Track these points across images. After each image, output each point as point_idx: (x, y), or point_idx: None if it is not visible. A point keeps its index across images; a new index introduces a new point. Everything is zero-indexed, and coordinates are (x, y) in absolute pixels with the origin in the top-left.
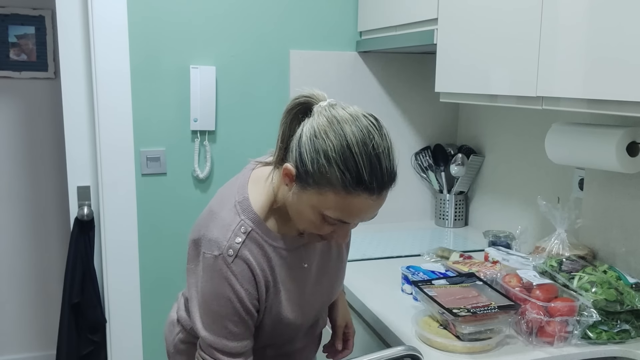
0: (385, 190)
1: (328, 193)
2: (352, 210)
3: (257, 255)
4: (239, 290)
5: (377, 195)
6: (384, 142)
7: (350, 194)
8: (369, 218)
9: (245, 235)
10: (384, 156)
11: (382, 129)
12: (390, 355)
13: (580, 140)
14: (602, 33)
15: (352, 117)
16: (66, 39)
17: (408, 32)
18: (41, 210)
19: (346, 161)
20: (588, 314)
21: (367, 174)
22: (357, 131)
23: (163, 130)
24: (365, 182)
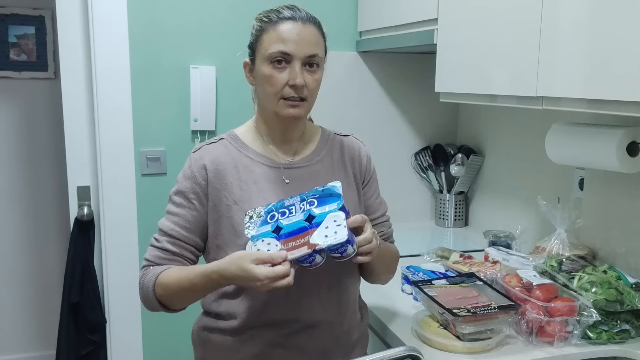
0: (307, 22)
1: (264, 38)
2: (283, 36)
3: (220, 153)
4: (187, 173)
5: (301, 23)
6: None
7: (277, 25)
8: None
9: (216, 140)
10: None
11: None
12: (390, 355)
13: (580, 140)
14: (602, 33)
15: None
16: (66, 39)
17: (408, 32)
18: (41, 210)
19: (269, 11)
20: (588, 314)
21: (286, 9)
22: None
23: (163, 130)
24: (284, 13)
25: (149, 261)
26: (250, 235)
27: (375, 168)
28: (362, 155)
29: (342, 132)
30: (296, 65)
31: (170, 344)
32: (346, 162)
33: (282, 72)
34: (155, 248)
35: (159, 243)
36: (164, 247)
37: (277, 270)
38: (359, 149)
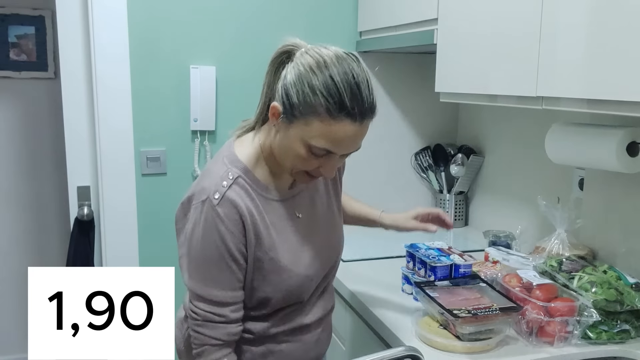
0: (366, 119)
1: (313, 122)
2: (337, 136)
3: (245, 198)
4: (223, 232)
5: (359, 122)
6: (363, 73)
7: (334, 120)
8: (353, 148)
9: (232, 180)
10: (363, 85)
11: (361, 64)
12: (391, 355)
13: (580, 140)
14: (602, 33)
15: (333, 52)
16: (66, 39)
17: (408, 32)
18: (41, 210)
19: (329, 89)
20: (588, 314)
21: (349, 100)
22: (337, 63)
23: (163, 130)
24: (347, 108)
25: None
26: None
27: None
28: None
29: None
30: (336, 159)
31: None
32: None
33: (317, 159)
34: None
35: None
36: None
37: None
38: None
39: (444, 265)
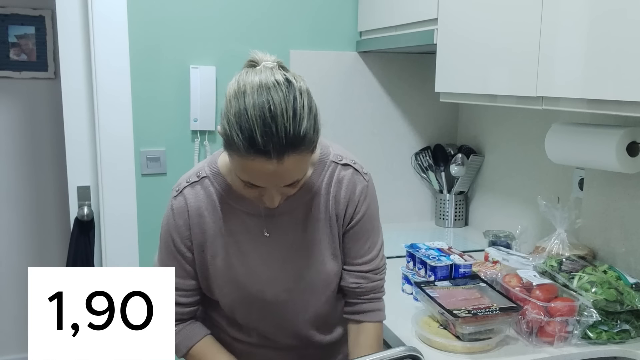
0: (286, 155)
1: (233, 155)
2: (255, 173)
3: (201, 198)
4: (171, 224)
5: (277, 160)
6: (286, 104)
7: (248, 157)
8: (283, 182)
9: (197, 178)
10: (283, 119)
11: (292, 91)
12: (390, 355)
13: (580, 140)
14: (602, 33)
15: (260, 82)
16: (66, 39)
17: (408, 32)
18: (41, 210)
19: (241, 123)
20: (588, 314)
21: (260, 137)
22: (257, 94)
23: (163, 130)
24: (258, 145)
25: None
26: None
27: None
28: (355, 196)
29: (342, 159)
30: (271, 191)
31: None
32: (333, 202)
33: (254, 189)
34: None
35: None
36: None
37: None
38: (354, 187)
39: (444, 265)
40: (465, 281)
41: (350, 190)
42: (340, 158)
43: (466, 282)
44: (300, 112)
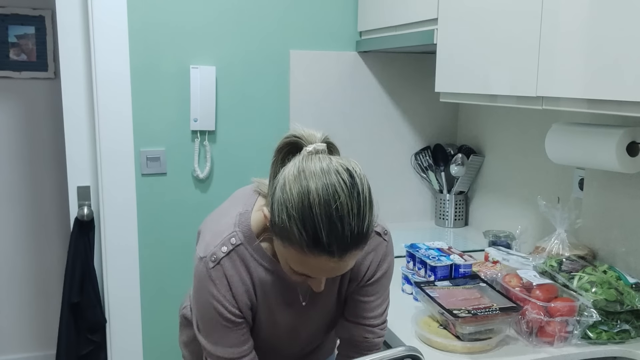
0: (348, 253)
1: (289, 248)
2: (313, 269)
3: (240, 269)
4: (216, 295)
5: (338, 258)
6: (352, 202)
7: (309, 254)
8: (337, 274)
9: (233, 246)
10: (349, 218)
11: (355, 187)
12: (391, 355)
13: (580, 140)
14: (602, 33)
15: (322, 172)
16: (66, 39)
17: (408, 32)
18: (41, 210)
19: (305, 220)
20: (588, 314)
21: (326, 237)
22: (322, 189)
23: (163, 130)
24: (323, 245)
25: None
26: None
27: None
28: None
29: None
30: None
31: (170, 344)
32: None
33: (301, 276)
34: None
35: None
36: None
37: None
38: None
39: (444, 265)
40: (465, 281)
41: (372, 256)
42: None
43: (466, 282)
44: (364, 208)
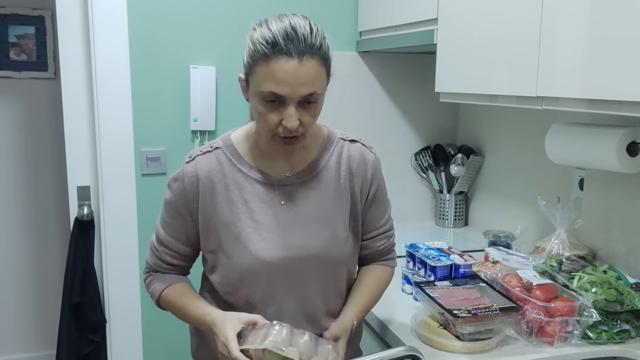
0: (305, 56)
1: (256, 70)
2: (277, 75)
3: (214, 167)
4: (180, 187)
5: (297, 59)
6: (304, 23)
7: (271, 59)
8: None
9: (211, 148)
10: (302, 29)
11: (308, 20)
12: (390, 355)
13: (580, 140)
14: (601, 33)
15: (280, 14)
16: (66, 39)
17: (408, 32)
18: (41, 210)
19: (264, 35)
20: (588, 314)
21: (282, 39)
22: (278, 17)
23: (163, 130)
24: (279, 45)
25: (151, 267)
26: None
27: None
28: (367, 168)
29: (349, 136)
30: (290, 107)
31: (170, 344)
32: (347, 175)
33: (275, 111)
34: (155, 256)
35: (157, 252)
36: (162, 259)
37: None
38: (365, 160)
39: (444, 265)
40: (465, 281)
41: (363, 165)
42: (347, 135)
43: (466, 282)
44: (316, 31)
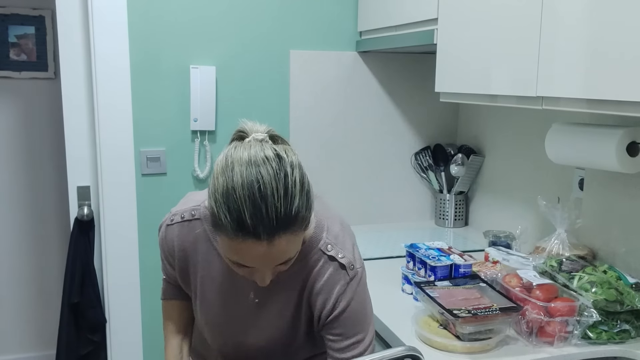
0: (277, 236)
1: (221, 236)
2: (245, 255)
3: (188, 240)
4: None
5: (267, 242)
6: (277, 183)
7: (237, 239)
8: (273, 263)
9: (192, 217)
10: (274, 199)
11: (283, 169)
12: (390, 355)
13: (580, 140)
14: (602, 33)
15: (249, 157)
16: (66, 39)
17: (408, 32)
18: (41, 210)
19: (229, 204)
20: (588, 314)
21: (249, 218)
22: (246, 172)
23: (163, 130)
24: (247, 227)
25: (164, 294)
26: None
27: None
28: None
29: (331, 249)
30: (262, 271)
31: None
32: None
33: (242, 268)
34: (164, 282)
35: (165, 281)
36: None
37: None
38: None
39: (444, 265)
40: (465, 281)
41: (328, 287)
42: (330, 247)
43: (466, 282)
44: (292, 190)
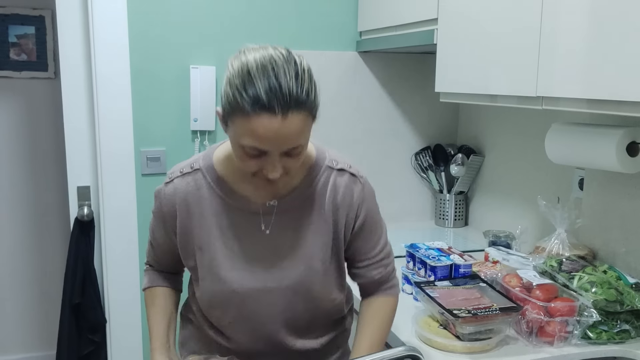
0: (290, 112)
1: (236, 120)
2: (259, 133)
3: (190, 191)
4: (159, 209)
5: (281, 117)
6: (288, 67)
7: (252, 116)
8: (286, 144)
9: (190, 169)
10: (286, 78)
11: (292, 58)
12: (390, 355)
13: (580, 140)
14: (601, 33)
15: (260, 47)
16: (66, 39)
17: (408, 32)
18: (41, 210)
19: (244, 83)
20: (588, 314)
21: (264, 93)
22: (259, 57)
23: (163, 130)
24: (262, 101)
25: (147, 260)
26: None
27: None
28: (353, 199)
29: (337, 163)
30: (273, 158)
31: None
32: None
33: (256, 159)
34: (149, 252)
35: (151, 252)
36: (155, 258)
37: None
38: (351, 191)
39: (444, 265)
40: (465, 281)
41: (349, 197)
42: (335, 163)
43: (466, 282)
44: (302, 75)
